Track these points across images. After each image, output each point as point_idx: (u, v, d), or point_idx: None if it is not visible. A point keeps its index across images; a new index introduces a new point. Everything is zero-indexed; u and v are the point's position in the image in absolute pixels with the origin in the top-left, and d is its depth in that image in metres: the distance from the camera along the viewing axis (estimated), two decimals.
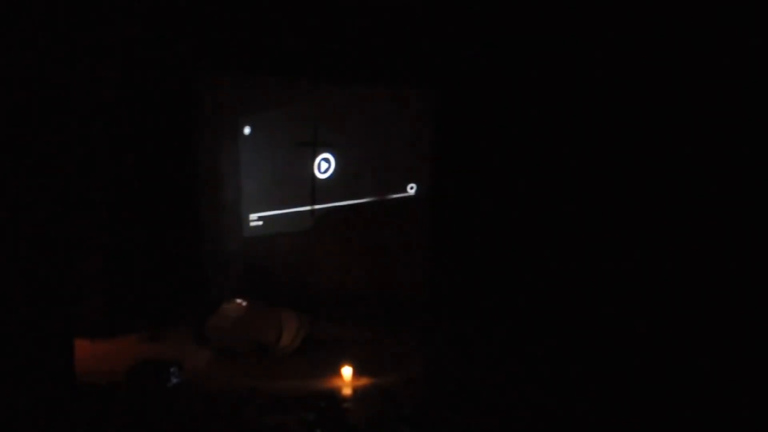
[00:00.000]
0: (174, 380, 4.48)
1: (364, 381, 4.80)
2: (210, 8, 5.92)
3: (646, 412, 4.18)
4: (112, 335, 5.61)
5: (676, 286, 5.07)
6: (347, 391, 4.65)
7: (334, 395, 4.48)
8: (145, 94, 5.96)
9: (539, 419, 4.11)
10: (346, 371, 4.83)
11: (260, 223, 6.95)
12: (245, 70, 6.43)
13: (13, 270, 3.95)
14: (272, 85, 6.68)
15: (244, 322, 5.39)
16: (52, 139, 4.23)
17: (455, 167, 6.54)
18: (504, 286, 6.10)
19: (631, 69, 5.42)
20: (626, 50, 5.42)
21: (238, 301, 5.61)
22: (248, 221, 6.92)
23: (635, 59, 5.39)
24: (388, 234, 6.78)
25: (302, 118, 6.78)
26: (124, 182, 5.91)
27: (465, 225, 6.49)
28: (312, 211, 6.83)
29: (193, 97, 6.40)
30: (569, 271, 5.80)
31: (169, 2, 5.83)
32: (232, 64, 6.30)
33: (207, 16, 5.94)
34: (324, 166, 6.85)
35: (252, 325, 5.38)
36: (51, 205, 4.15)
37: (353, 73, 6.39)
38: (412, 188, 6.81)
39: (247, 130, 6.83)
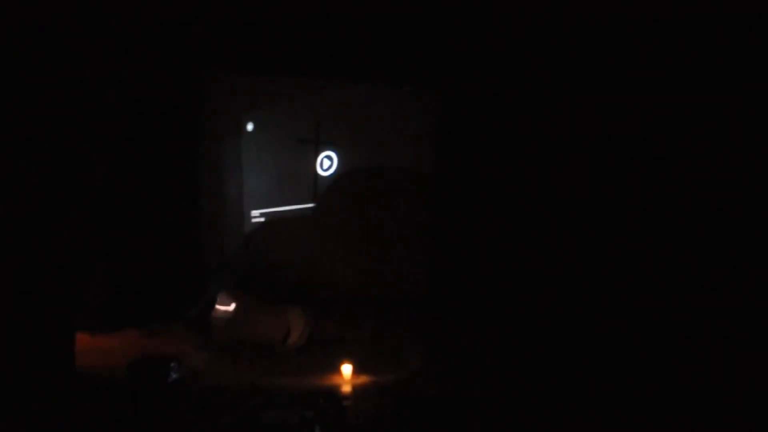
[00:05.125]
0: (174, 375, 4.49)
1: (363, 379, 4.81)
2: (215, 5, 5.92)
3: (645, 410, 4.19)
4: (113, 330, 5.62)
5: (679, 287, 5.06)
6: (347, 388, 4.66)
7: (334, 392, 4.49)
8: (148, 90, 5.97)
9: (539, 417, 4.12)
10: (346, 369, 4.84)
11: (262, 219, 6.95)
12: (249, 67, 6.43)
13: (14, 264, 3.96)
14: (275, 82, 6.68)
15: (250, 320, 5.39)
16: (54, 134, 4.23)
17: (457, 165, 6.54)
18: (505, 284, 6.11)
19: (635, 69, 5.41)
20: (630, 50, 5.41)
21: (241, 294, 5.60)
22: (250, 218, 6.92)
23: (639, 59, 5.38)
24: (389, 231, 6.79)
25: (305, 115, 6.79)
26: (126, 178, 5.92)
27: (466, 222, 6.49)
28: (314, 208, 6.84)
29: (197, 93, 6.41)
30: (570, 268, 5.80)
31: None
32: (236, 61, 6.30)
33: (212, 12, 5.94)
34: (326, 163, 6.86)
35: (259, 323, 5.38)
36: (53, 199, 4.16)
37: (356, 70, 6.40)
38: (413, 187, 6.81)
39: (249, 127, 6.83)
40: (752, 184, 4.73)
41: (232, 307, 5.49)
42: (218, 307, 5.54)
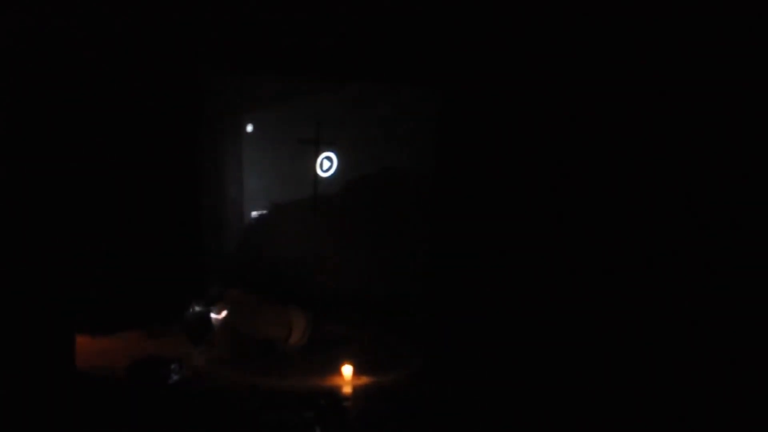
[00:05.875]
0: (175, 377, 4.49)
1: (364, 379, 4.81)
2: (214, 5, 5.92)
3: (645, 411, 4.19)
4: (113, 331, 5.61)
5: (680, 291, 5.06)
6: (347, 389, 4.65)
7: (335, 393, 4.48)
8: (147, 91, 5.96)
9: (540, 419, 4.11)
10: (347, 369, 4.84)
11: (262, 219, 6.94)
12: (249, 67, 6.43)
13: (13, 265, 3.96)
14: (275, 83, 6.68)
15: (252, 319, 5.38)
16: (54, 134, 4.23)
17: (458, 166, 6.53)
18: (504, 284, 6.10)
19: (635, 69, 5.41)
20: (630, 50, 5.41)
21: (242, 294, 5.59)
22: (250, 218, 6.92)
23: (640, 59, 5.38)
24: (389, 232, 6.78)
25: (305, 116, 6.78)
26: (125, 179, 5.92)
27: (466, 224, 6.48)
28: (314, 210, 6.83)
29: (196, 94, 6.40)
30: (571, 269, 5.80)
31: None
32: (236, 61, 6.30)
33: (211, 13, 5.94)
34: (326, 164, 6.85)
35: (260, 323, 5.36)
36: (52, 199, 4.16)
37: (356, 70, 6.39)
38: (413, 187, 6.80)
39: (249, 128, 6.83)
40: (752, 184, 4.74)
41: (223, 315, 5.48)
42: (212, 315, 5.53)
